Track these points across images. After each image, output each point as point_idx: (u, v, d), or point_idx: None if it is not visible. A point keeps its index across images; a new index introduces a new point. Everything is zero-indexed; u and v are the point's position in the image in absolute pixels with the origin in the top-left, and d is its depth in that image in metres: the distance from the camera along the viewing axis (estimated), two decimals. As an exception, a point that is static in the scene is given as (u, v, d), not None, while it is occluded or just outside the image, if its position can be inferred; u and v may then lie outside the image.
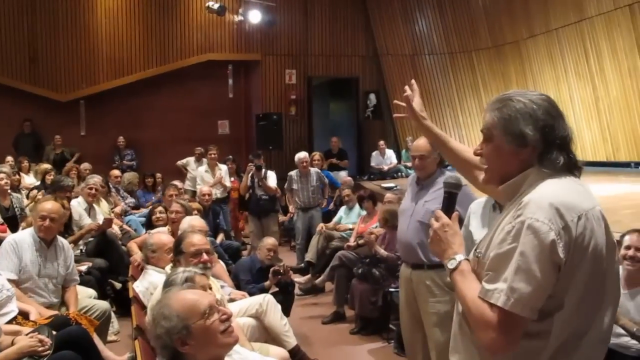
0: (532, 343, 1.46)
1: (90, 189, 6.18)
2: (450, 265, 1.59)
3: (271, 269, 4.74)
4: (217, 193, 8.01)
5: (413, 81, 2.28)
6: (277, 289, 4.71)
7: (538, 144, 1.52)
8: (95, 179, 6.62)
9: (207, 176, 8.33)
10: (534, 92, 1.60)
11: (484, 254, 1.56)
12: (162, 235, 4.23)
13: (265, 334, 3.76)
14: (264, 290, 4.50)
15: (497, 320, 1.41)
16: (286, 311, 4.28)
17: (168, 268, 3.52)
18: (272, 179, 7.23)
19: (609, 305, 1.53)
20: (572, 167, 1.55)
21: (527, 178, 1.55)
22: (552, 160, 1.51)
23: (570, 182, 1.53)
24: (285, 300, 4.52)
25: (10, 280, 3.75)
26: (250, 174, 7.11)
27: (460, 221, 1.75)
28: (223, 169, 8.56)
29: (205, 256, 3.30)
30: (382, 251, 5.03)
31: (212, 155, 8.60)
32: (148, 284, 3.72)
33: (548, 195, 1.45)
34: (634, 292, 3.18)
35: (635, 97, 9.65)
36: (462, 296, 1.54)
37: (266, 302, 3.82)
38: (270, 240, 5.22)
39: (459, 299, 1.59)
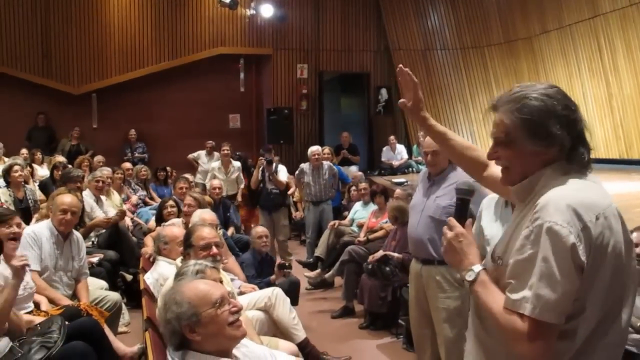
0: (558, 345, 1.42)
1: (97, 181, 6.20)
2: (469, 277, 1.54)
3: (277, 263, 4.77)
4: (229, 190, 8.06)
5: (407, 69, 2.05)
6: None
7: (566, 141, 1.48)
8: (104, 172, 6.64)
9: (219, 173, 8.37)
10: (542, 85, 1.53)
11: (502, 259, 1.53)
12: (174, 228, 4.25)
13: (274, 327, 3.78)
14: (270, 284, 4.51)
15: (528, 330, 1.38)
16: (294, 300, 4.28)
17: (179, 260, 3.54)
18: (282, 173, 7.24)
19: (628, 304, 1.50)
20: (588, 163, 1.53)
21: (541, 178, 1.51)
22: (579, 156, 1.49)
23: (585, 180, 1.50)
24: (291, 290, 4.52)
25: (32, 271, 3.78)
26: (261, 168, 7.12)
27: (472, 218, 1.72)
28: (236, 166, 8.61)
29: (215, 249, 3.30)
30: (397, 256, 5.03)
31: (226, 151, 8.65)
32: (158, 275, 3.74)
33: (564, 196, 1.42)
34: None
35: (649, 94, 9.57)
36: (488, 309, 1.49)
37: (275, 295, 3.83)
38: (258, 229, 5.27)
39: (484, 311, 1.53)
